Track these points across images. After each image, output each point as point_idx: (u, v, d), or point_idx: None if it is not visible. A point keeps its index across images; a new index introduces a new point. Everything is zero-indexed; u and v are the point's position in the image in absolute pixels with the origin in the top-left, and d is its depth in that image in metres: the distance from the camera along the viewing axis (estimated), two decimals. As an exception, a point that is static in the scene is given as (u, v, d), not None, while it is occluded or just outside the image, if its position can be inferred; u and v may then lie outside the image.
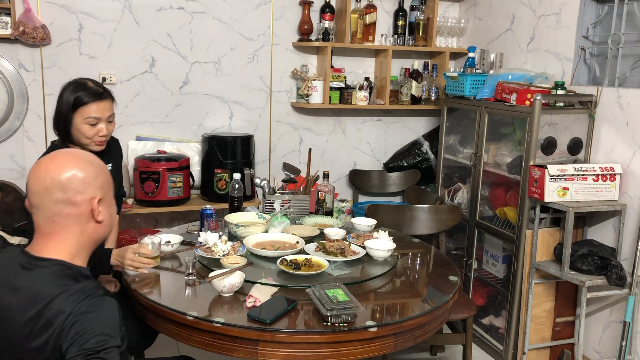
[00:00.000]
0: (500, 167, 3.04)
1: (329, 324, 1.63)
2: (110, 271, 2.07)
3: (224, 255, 2.03)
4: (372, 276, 2.03)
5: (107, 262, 2.03)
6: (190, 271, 1.91)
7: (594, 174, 2.64)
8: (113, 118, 2.17)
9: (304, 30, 3.55)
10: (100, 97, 2.10)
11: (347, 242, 2.21)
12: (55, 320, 1.17)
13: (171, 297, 1.84)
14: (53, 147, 2.17)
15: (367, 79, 3.75)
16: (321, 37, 3.58)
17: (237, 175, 2.58)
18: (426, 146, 3.87)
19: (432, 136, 3.87)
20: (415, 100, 3.76)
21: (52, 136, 3.24)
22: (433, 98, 3.78)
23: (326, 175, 2.77)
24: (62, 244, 1.28)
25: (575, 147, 2.83)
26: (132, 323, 2.02)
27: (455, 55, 3.93)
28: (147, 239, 2.01)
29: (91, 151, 2.18)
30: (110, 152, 2.31)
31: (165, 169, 3.17)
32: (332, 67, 3.61)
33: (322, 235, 2.35)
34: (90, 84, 2.12)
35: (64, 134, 2.11)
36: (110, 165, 2.28)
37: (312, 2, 3.54)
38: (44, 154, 2.14)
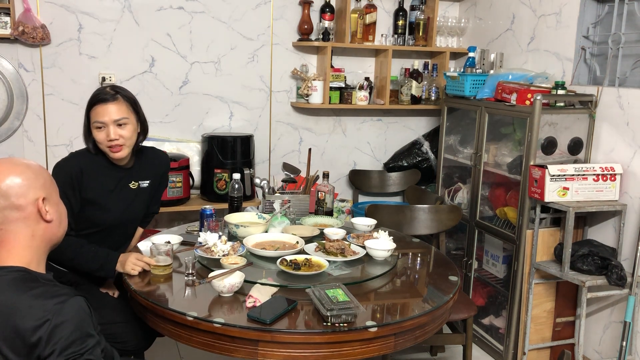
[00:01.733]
0: (500, 167, 3.03)
1: (329, 324, 1.63)
2: (114, 275, 2.06)
3: (223, 256, 2.03)
4: (372, 276, 2.03)
5: (113, 265, 2.02)
6: (190, 271, 1.91)
7: (594, 174, 2.64)
8: (127, 121, 2.07)
9: (304, 30, 3.55)
10: (106, 100, 2.04)
11: (347, 242, 2.20)
12: (23, 325, 1.16)
13: (171, 297, 1.84)
14: (89, 148, 2.14)
15: (367, 78, 3.75)
16: (321, 37, 3.57)
17: (236, 175, 2.58)
18: (426, 146, 3.86)
19: (432, 136, 3.87)
20: (415, 100, 3.76)
21: (52, 136, 3.28)
22: (433, 98, 3.78)
23: (326, 175, 2.76)
24: (15, 251, 1.27)
25: (575, 147, 2.82)
26: (131, 324, 2.02)
27: (455, 55, 3.93)
28: (155, 248, 1.98)
29: (133, 164, 2.18)
30: (154, 168, 2.27)
31: (165, 169, 3.16)
32: (332, 67, 3.61)
33: (322, 235, 2.35)
34: (106, 89, 2.09)
35: (91, 143, 2.11)
36: (147, 182, 2.24)
37: (312, 2, 3.54)
38: (76, 151, 2.14)
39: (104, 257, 2.04)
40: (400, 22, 3.73)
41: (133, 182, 2.20)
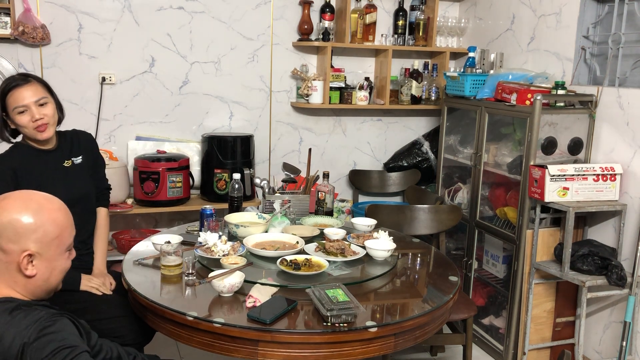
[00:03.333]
0: (500, 167, 3.03)
1: (329, 324, 1.63)
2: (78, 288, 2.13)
3: (223, 256, 2.03)
4: (372, 276, 2.03)
5: (77, 285, 2.09)
6: (190, 271, 1.91)
7: (594, 174, 2.64)
8: (46, 100, 2.10)
9: (304, 30, 3.55)
10: (20, 85, 2.06)
11: (347, 242, 2.20)
12: (9, 356, 1.14)
13: (171, 297, 1.84)
14: (15, 145, 2.17)
15: (367, 78, 3.75)
16: (321, 37, 3.57)
17: (237, 175, 2.58)
18: (426, 146, 3.86)
19: (432, 136, 3.87)
20: (415, 100, 3.76)
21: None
22: (433, 98, 3.78)
23: (326, 175, 2.76)
24: (3, 287, 1.24)
25: (575, 147, 2.82)
26: (129, 319, 2.02)
27: (455, 55, 3.93)
28: (165, 249, 1.97)
29: (57, 144, 2.20)
30: (80, 145, 2.31)
31: (165, 169, 3.16)
32: (332, 67, 3.61)
33: (322, 235, 2.35)
34: (15, 76, 2.11)
35: (13, 135, 2.14)
36: (80, 158, 2.28)
37: (312, 2, 3.54)
38: (1, 154, 2.13)
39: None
40: (400, 22, 3.73)
41: (66, 160, 2.23)
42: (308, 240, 2.28)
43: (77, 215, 2.22)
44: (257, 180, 3.05)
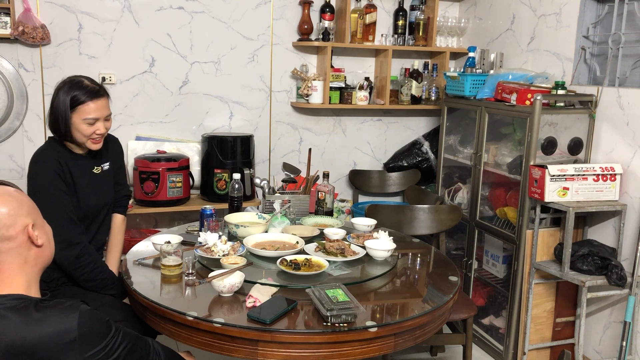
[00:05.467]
0: (500, 167, 3.03)
1: (329, 324, 1.63)
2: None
3: (223, 256, 2.03)
4: (372, 276, 2.03)
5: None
6: (190, 271, 1.91)
7: (594, 174, 2.64)
8: (110, 116, 2.16)
9: (304, 30, 3.55)
10: (97, 95, 2.08)
11: (347, 242, 2.20)
12: (54, 352, 1.16)
13: (171, 297, 1.84)
14: (50, 143, 2.16)
15: (367, 78, 3.75)
16: (321, 37, 3.57)
17: (237, 175, 2.58)
18: (426, 146, 3.86)
19: (432, 136, 3.87)
20: (415, 100, 3.76)
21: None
22: (433, 98, 3.78)
23: (326, 175, 2.76)
24: (9, 279, 1.27)
25: (575, 147, 2.82)
26: (131, 322, 2.02)
27: (455, 55, 3.93)
28: (165, 249, 1.98)
29: (89, 150, 2.20)
30: (108, 150, 2.31)
31: (165, 169, 3.16)
32: (332, 67, 3.61)
33: (322, 235, 2.35)
34: (86, 82, 2.10)
35: (64, 134, 2.11)
36: (107, 164, 2.28)
37: (312, 2, 3.54)
38: (41, 149, 2.14)
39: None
40: (400, 22, 3.73)
41: (95, 167, 2.23)
42: (308, 240, 2.28)
43: (97, 224, 2.25)
44: (257, 180, 3.05)
